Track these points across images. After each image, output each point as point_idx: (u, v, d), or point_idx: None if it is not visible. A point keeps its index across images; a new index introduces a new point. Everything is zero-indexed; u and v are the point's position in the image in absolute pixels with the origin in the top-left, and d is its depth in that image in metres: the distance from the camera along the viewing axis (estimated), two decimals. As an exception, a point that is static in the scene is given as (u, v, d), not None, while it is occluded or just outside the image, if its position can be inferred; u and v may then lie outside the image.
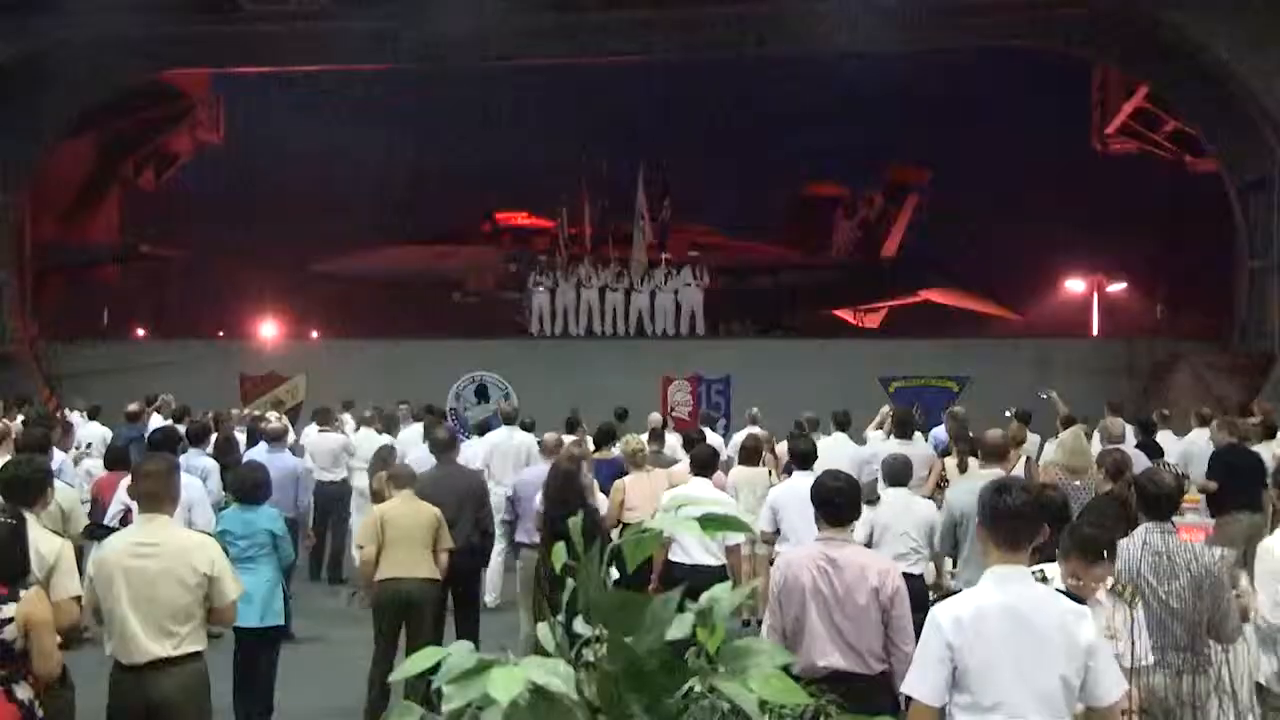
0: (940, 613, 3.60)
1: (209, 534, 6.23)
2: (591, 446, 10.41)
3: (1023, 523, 3.65)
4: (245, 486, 7.32)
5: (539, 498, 7.80)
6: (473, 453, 11.19)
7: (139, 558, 4.73)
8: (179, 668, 4.75)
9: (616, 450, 10.06)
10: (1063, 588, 4.16)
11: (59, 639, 4.91)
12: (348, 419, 13.88)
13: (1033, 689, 3.45)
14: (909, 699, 3.54)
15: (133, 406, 12.99)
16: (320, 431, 12.63)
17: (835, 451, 9.84)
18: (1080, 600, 3.95)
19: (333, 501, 11.71)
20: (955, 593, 4.66)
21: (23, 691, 4.36)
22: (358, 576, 7.51)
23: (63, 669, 5.06)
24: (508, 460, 10.96)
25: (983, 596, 3.59)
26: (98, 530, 6.42)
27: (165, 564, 4.74)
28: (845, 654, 4.61)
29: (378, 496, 8.63)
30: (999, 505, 3.66)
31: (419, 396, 15.03)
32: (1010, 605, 3.52)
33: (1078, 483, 7.55)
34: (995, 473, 7.28)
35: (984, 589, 3.63)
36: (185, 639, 4.77)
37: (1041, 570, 4.16)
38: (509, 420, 11.78)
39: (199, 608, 4.82)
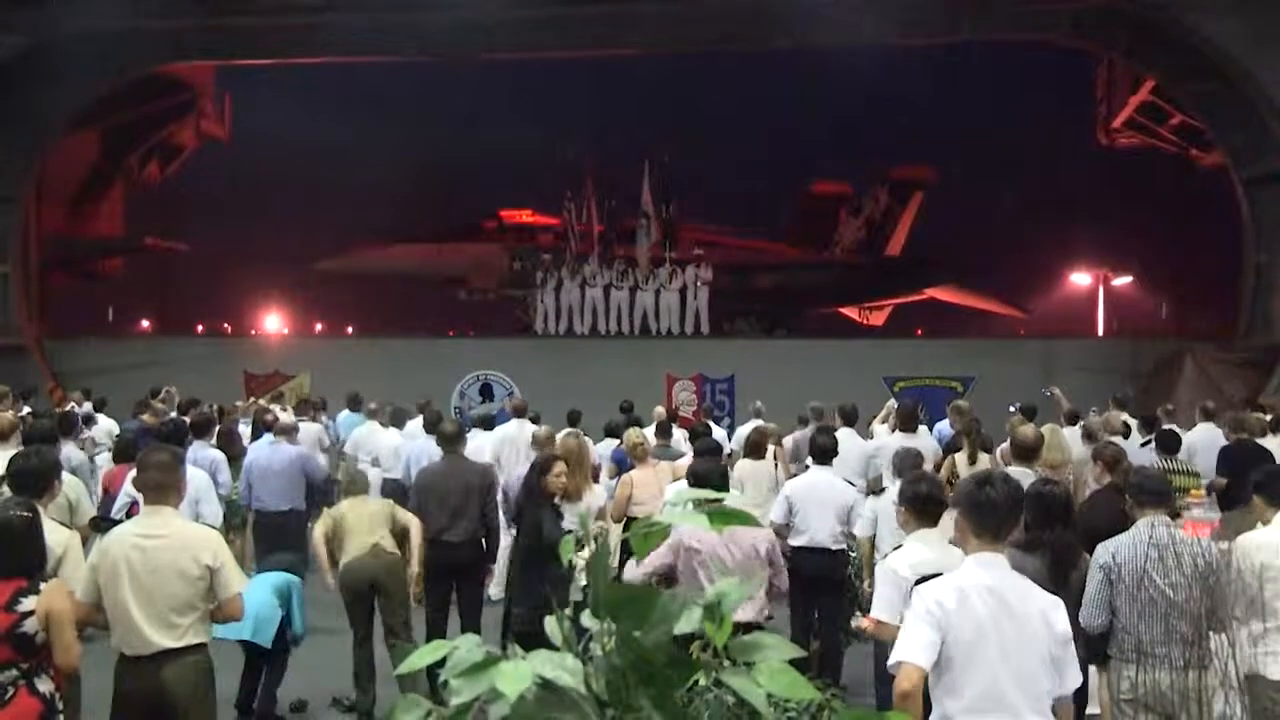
0: (926, 589, 3.66)
1: (215, 527, 6.25)
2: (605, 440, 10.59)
3: (1004, 515, 3.72)
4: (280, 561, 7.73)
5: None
6: (478, 445, 11.25)
7: (142, 549, 4.73)
8: (183, 659, 4.75)
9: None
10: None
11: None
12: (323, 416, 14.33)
13: (1014, 670, 3.51)
14: (890, 679, 3.58)
15: (160, 405, 13.15)
16: (298, 420, 12.88)
17: (843, 445, 9.82)
18: None
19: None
20: None
21: (44, 685, 4.37)
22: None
23: None
24: (519, 453, 10.98)
25: (966, 578, 3.65)
26: (103, 523, 6.43)
27: (168, 556, 4.73)
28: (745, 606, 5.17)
29: None
30: (981, 497, 3.72)
31: (423, 395, 15.05)
32: (993, 588, 3.59)
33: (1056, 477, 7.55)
34: (1025, 472, 7.23)
35: (967, 571, 3.69)
36: (188, 630, 4.76)
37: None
38: (519, 413, 11.86)
39: (201, 600, 4.81)
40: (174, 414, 12.78)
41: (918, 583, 3.99)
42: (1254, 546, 5.04)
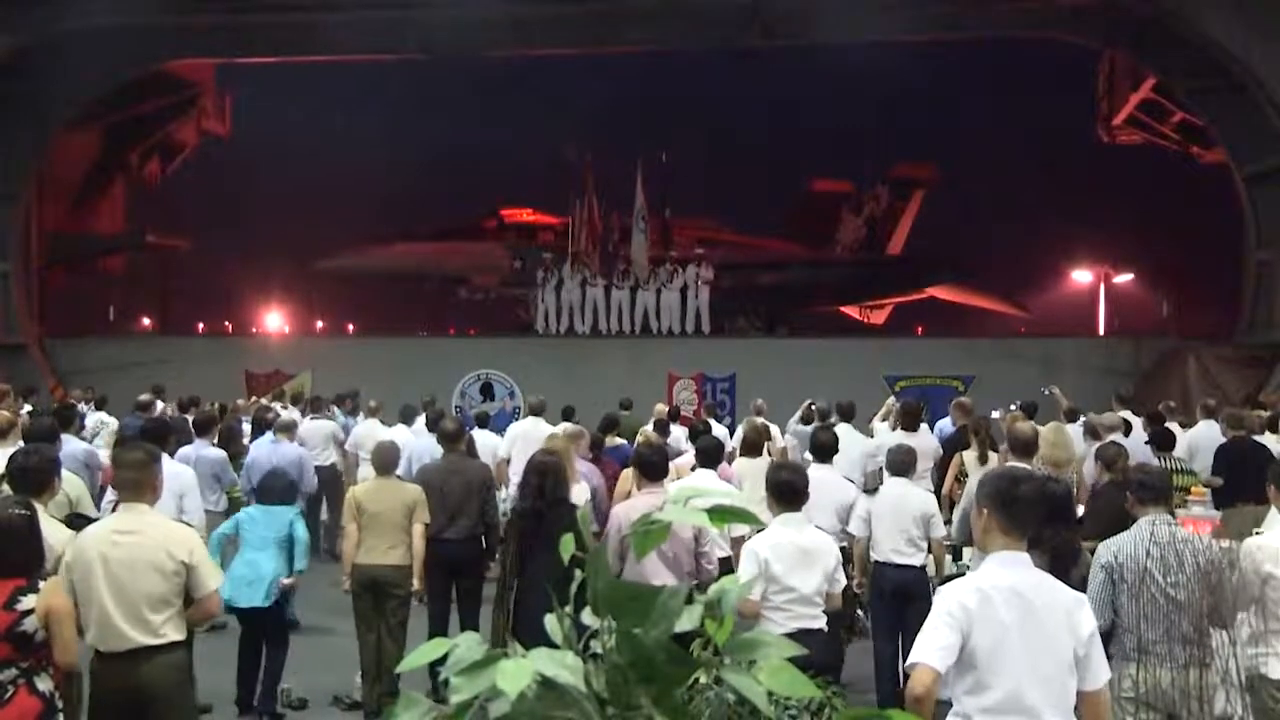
0: (949, 590, 3.65)
1: (192, 525, 6.22)
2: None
3: (1034, 511, 3.74)
4: (276, 490, 7.56)
5: None
6: (491, 442, 11.69)
7: (117, 545, 4.71)
8: (159, 656, 4.73)
9: (619, 439, 10.58)
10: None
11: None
12: (336, 411, 14.32)
13: (1037, 670, 3.49)
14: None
15: (143, 396, 13.18)
16: (312, 419, 13.11)
17: (842, 443, 9.82)
18: None
19: (324, 484, 11.97)
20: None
21: (44, 684, 4.36)
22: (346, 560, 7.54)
23: None
24: (532, 450, 11.05)
25: (989, 578, 3.63)
26: (78, 519, 6.42)
27: (143, 552, 4.71)
28: (670, 574, 5.89)
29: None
30: (1016, 494, 3.71)
31: (424, 394, 15.07)
32: (1015, 588, 3.56)
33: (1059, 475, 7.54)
34: (1025, 468, 7.23)
35: (988, 572, 3.67)
36: (164, 626, 4.74)
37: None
38: (536, 411, 12.01)
39: (177, 596, 4.78)
40: (171, 412, 12.81)
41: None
42: (1256, 548, 5.04)
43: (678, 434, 11.63)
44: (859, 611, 8.55)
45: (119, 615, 4.66)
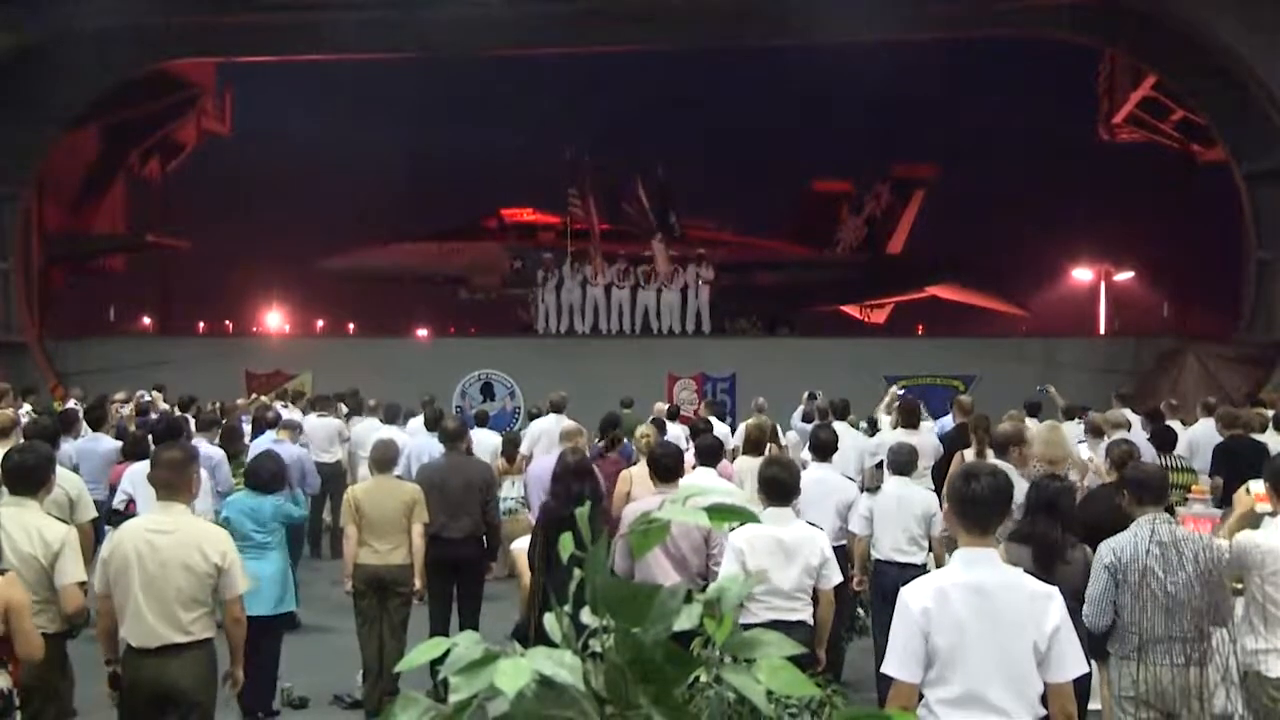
0: (908, 594, 3.65)
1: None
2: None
3: (990, 508, 3.71)
4: (262, 477, 7.41)
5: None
6: (491, 441, 11.77)
7: (152, 543, 4.81)
8: (187, 654, 4.82)
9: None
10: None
11: (63, 625, 5.00)
12: (343, 408, 14.30)
13: (998, 666, 3.50)
14: (889, 680, 3.62)
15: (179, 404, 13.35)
16: (319, 416, 13.10)
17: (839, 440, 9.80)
18: None
19: (328, 481, 12.00)
20: None
21: (2, 680, 4.37)
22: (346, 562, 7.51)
23: (64, 659, 5.09)
24: (554, 447, 11.09)
25: (948, 577, 3.66)
26: (117, 517, 6.43)
27: (177, 550, 4.81)
28: (678, 575, 5.80)
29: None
30: (967, 492, 3.72)
31: (424, 393, 15.06)
32: (975, 584, 3.57)
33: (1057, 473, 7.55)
34: (1007, 466, 7.24)
35: (951, 570, 3.70)
36: (194, 624, 4.84)
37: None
38: (557, 409, 12.07)
39: (208, 596, 4.89)
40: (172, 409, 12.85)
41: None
42: (1253, 544, 5.04)
43: (675, 432, 11.62)
44: (860, 610, 8.55)
45: (150, 612, 4.77)
